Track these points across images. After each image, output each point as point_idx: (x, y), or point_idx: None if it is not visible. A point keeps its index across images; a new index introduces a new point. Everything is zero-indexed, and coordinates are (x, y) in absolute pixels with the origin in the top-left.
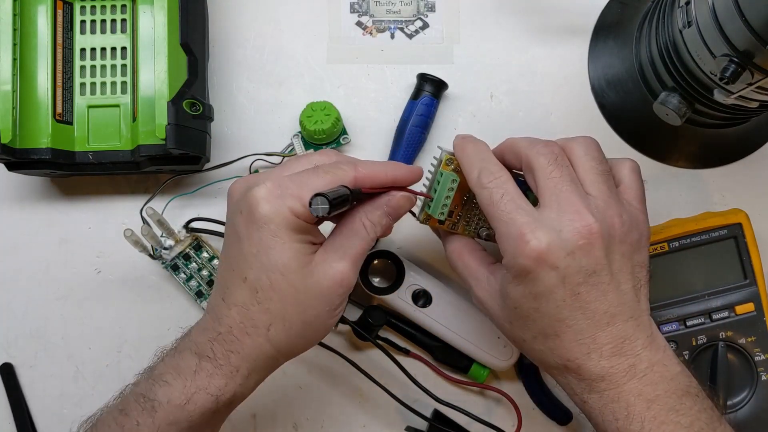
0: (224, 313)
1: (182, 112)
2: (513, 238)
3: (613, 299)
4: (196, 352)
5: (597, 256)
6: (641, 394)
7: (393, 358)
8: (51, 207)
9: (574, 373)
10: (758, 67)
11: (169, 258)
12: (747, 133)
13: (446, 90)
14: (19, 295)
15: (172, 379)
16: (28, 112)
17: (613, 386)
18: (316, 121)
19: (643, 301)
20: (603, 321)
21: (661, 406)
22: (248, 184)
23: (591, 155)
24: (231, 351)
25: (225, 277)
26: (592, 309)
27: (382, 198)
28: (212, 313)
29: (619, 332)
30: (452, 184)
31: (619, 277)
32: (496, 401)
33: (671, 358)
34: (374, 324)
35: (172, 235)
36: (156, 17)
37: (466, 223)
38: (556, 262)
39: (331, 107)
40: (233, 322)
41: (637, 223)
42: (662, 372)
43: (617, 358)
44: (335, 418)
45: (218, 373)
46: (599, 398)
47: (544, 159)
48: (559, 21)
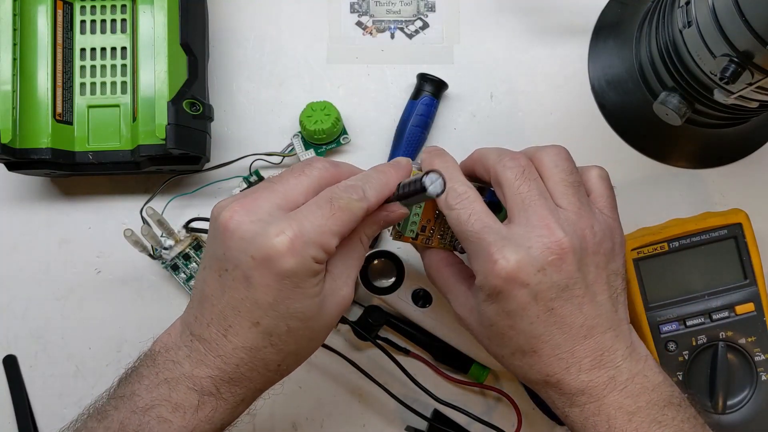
0: (228, 352)
1: (182, 112)
2: (482, 259)
3: (589, 311)
4: (194, 388)
5: (569, 271)
6: (622, 406)
7: (393, 358)
8: (51, 207)
9: (554, 387)
10: (758, 67)
11: (169, 258)
12: (747, 133)
13: (446, 90)
14: (19, 295)
15: (168, 414)
16: (28, 112)
17: (593, 399)
18: (316, 121)
19: (620, 310)
20: (580, 334)
21: (643, 418)
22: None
23: (560, 166)
24: (238, 386)
25: (225, 315)
26: (568, 323)
27: (381, 213)
28: (207, 346)
29: (598, 344)
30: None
31: (594, 289)
32: (496, 401)
33: (652, 368)
34: (374, 324)
35: (172, 235)
36: (156, 17)
37: (440, 237)
38: (526, 280)
39: (331, 107)
40: (240, 362)
41: (610, 232)
42: (643, 383)
43: (597, 370)
44: (335, 417)
45: (223, 406)
46: (580, 412)
47: (511, 173)
48: (559, 21)
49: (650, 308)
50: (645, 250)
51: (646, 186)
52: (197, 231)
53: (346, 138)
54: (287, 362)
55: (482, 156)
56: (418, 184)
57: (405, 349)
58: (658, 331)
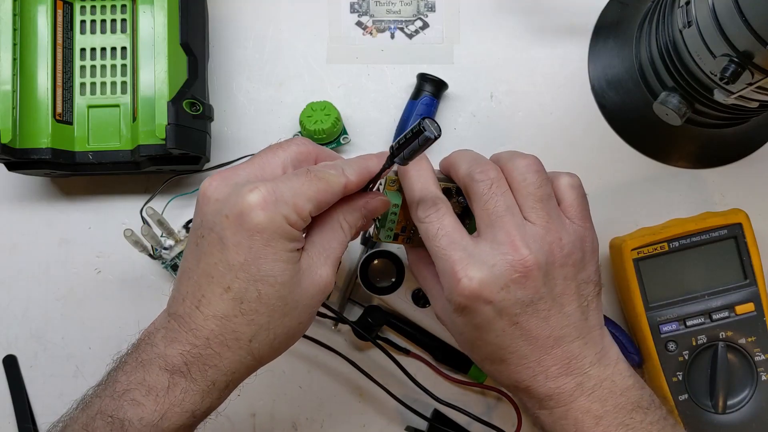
0: (200, 324)
1: (182, 112)
2: (448, 275)
3: (556, 323)
4: (166, 368)
5: (533, 287)
6: (589, 411)
7: (393, 358)
8: (51, 207)
9: (523, 392)
10: (758, 67)
11: (169, 258)
12: (747, 133)
13: (446, 90)
14: (19, 295)
15: (141, 397)
16: (28, 112)
17: (561, 404)
18: (316, 121)
19: (591, 317)
20: (548, 345)
21: (610, 421)
22: (230, 183)
23: (529, 180)
24: (207, 365)
25: (200, 284)
26: (534, 336)
27: (360, 200)
28: (181, 321)
29: (565, 353)
30: (394, 208)
31: (561, 300)
32: (497, 401)
33: (622, 372)
34: (374, 324)
35: (172, 234)
36: (156, 17)
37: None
38: (489, 297)
39: (331, 107)
40: (211, 334)
41: (580, 242)
42: (611, 388)
43: (564, 378)
44: (335, 417)
45: (193, 388)
46: (549, 414)
47: (480, 186)
48: (559, 21)
49: (650, 308)
50: (645, 250)
51: (646, 186)
52: None
53: (346, 138)
54: (259, 338)
55: (454, 163)
56: (416, 127)
57: (405, 349)
58: (658, 331)
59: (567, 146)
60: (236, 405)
